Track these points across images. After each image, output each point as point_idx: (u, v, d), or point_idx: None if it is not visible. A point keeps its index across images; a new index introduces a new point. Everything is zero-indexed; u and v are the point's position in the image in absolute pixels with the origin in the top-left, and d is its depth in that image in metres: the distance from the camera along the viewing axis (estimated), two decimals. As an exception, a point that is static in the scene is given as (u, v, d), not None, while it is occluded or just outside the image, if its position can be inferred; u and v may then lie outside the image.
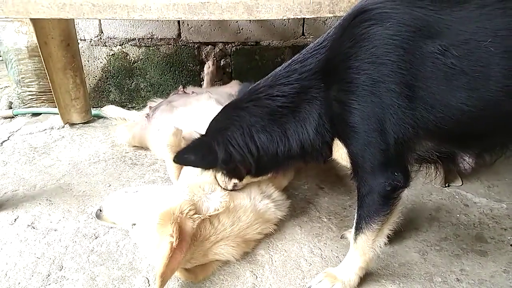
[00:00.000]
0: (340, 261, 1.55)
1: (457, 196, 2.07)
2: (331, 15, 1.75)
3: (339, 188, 2.17)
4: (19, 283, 1.51)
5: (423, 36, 1.14)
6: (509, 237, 1.75)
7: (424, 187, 2.13)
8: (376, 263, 1.57)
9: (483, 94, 1.13)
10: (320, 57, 1.32)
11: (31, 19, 2.47)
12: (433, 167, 1.39)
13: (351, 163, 1.33)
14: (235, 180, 1.58)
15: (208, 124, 1.51)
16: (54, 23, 2.57)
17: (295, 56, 1.40)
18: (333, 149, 1.38)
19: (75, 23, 2.85)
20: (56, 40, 2.62)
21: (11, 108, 3.34)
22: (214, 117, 1.51)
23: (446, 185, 2.15)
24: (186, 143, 1.93)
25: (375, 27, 1.18)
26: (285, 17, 1.74)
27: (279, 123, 1.37)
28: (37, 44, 2.57)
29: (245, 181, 1.60)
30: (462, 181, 2.18)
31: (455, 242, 1.73)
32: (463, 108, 1.15)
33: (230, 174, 1.53)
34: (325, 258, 1.65)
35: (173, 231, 1.39)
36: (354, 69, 1.22)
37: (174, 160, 1.48)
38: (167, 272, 1.35)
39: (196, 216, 1.50)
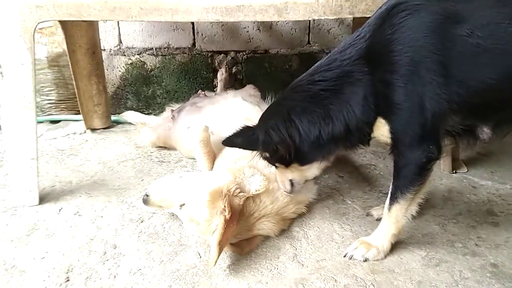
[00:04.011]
0: (369, 234, 1.71)
1: (464, 180, 2.27)
2: (350, 16, 1.95)
3: (357, 176, 2.35)
4: (78, 260, 1.63)
5: (452, 22, 1.35)
6: (517, 211, 1.96)
7: (434, 174, 2.30)
8: (402, 234, 1.74)
9: (504, 69, 1.35)
10: (361, 46, 1.48)
11: (62, 29, 2.66)
12: (457, 140, 1.58)
13: (392, 138, 1.48)
14: (288, 175, 1.70)
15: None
16: (82, 32, 2.73)
17: (334, 49, 1.57)
18: (374, 128, 1.52)
19: (97, 33, 3.02)
20: (83, 48, 2.79)
21: (29, 116, 3.44)
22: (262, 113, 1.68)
23: (454, 171, 2.36)
24: (215, 137, 2.12)
25: (411, 16, 1.39)
26: (310, 18, 1.94)
27: (321, 104, 1.49)
28: (66, 51, 2.74)
29: (296, 174, 1.71)
30: (467, 168, 2.39)
31: (469, 216, 1.92)
32: (488, 82, 1.35)
33: (274, 158, 1.64)
34: (355, 232, 1.81)
35: (224, 206, 1.55)
36: (397, 52, 1.40)
37: (223, 143, 1.65)
38: (223, 241, 1.50)
39: (241, 194, 1.66)
